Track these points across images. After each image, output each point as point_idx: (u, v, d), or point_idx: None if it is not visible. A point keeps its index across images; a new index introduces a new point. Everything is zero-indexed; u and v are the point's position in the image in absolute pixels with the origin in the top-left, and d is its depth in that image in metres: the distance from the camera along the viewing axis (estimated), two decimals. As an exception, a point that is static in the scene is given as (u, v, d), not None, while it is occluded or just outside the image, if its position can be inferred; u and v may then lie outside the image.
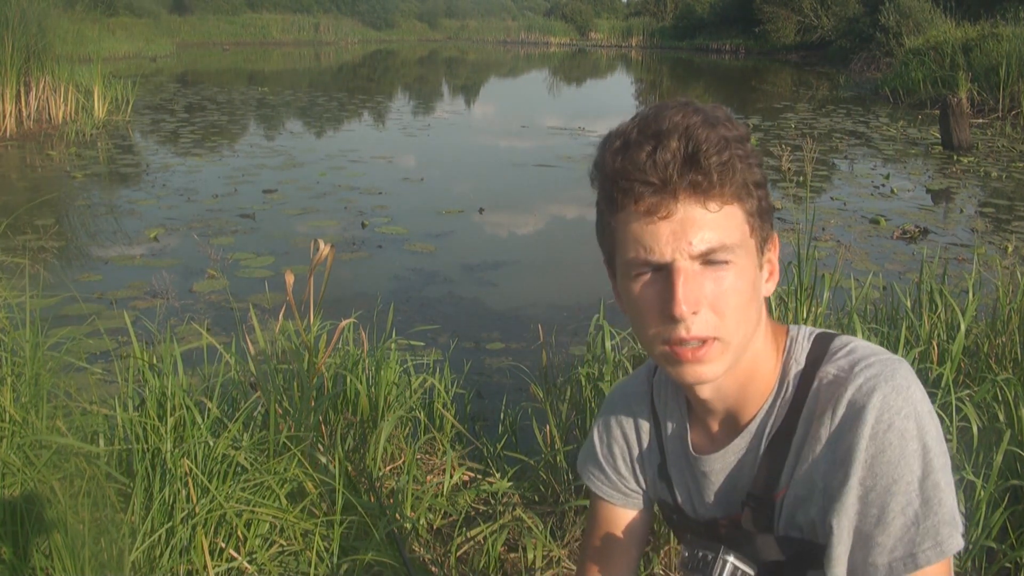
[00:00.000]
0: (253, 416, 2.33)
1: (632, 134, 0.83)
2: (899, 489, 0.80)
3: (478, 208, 7.11)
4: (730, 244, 0.82)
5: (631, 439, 1.06)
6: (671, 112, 0.82)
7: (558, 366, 3.15)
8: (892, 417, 0.81)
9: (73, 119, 11.09)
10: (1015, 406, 2.17)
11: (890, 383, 0.83)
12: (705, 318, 0.82)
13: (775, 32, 31.90)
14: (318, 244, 2.29)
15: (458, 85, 23.62)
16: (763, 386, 0.91)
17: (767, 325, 0.92)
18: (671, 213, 0.81)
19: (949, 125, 9.75)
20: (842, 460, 0.83)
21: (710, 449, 0.96)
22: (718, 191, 0.81)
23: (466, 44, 49.72)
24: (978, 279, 2.98)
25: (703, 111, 0.83)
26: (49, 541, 1.72)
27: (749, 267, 0.85)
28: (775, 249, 0.91)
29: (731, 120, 0.84)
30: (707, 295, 0.82)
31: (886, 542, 0.80)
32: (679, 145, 0.80)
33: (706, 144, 0.80)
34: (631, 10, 55.37)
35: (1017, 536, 1.98)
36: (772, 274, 0.91)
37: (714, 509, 0.98)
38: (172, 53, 29.52)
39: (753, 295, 0.86)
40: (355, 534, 2.09)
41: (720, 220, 0.81)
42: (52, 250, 5.53)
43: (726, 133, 0.82)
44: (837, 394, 0.85)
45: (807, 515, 0.87)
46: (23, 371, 2.12)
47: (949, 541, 0.79)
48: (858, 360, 0.87)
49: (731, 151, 0.81)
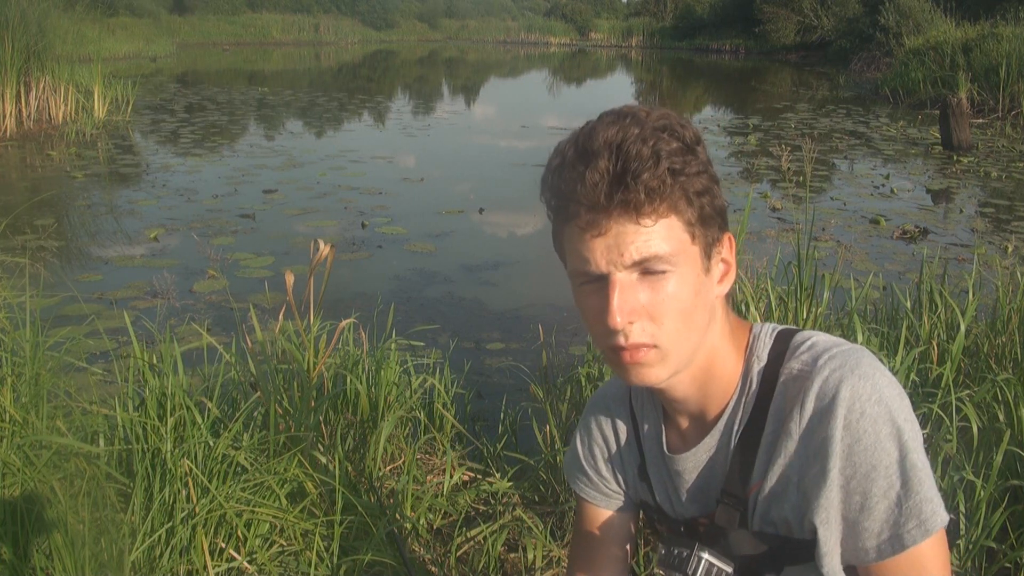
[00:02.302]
0: (253, 416, 2.33)
1: (568, 152, 0.84)
2: (879, 474, 0.81)
3: (478, 208, 7.11)
4: (665, 255, 0.83)
5: (611, 441, 1.08)
6: (607, 126, 0.82)
7: (558, 366, 3.15)
8: (863, 405, 0.82)
9: (73, 119, 11.09)
10: (1015, 406, 2.17)
11: (856, 372, 0.84)
12: (642, 326, 0.84)
13: (775, 32, 31.91)
14: (318, 244, 2.29)
15: (458, 85, 23.63)
16: (726, 384, 0.93)
17: (726, 323, 0.93)
18: (605, 230, 0.82)
19: (949, 125, 9.75)
20: (817, 453, 0.84)
21: (682, 448, 0.98)
22: (650, 207, 0.81)
23: (466, 44, 49.72)
24: (978, 279, 2.98)
25: (642, 122, 0.82)
26: (49, 541, 1.72)
27: (690, 274, 0.85)
28: (729, 248, 0.91)
29: (675, 128, 0.83)
30: (644, 304, 0.84)
31: (872, 526, 0.82)
32: (608, 164, 0.80)
33: (636, 161, 0.80)
34: (631, 10, 55.41)
35: (1017, 536, 1.98)
36: (727, 274, 0.91)
37: (691, 508, 0.99)
38: (172, 53, 29.52)
39: (696, 300, 0.86)
40: (355, 534, 2.09)
41: (655, 233, 0.82)
42: (52, 250, 5.53)
43: (663, 146, 0.81)
44: (803, 388, 0.86)
45: (781, 511, 0.88)
46: (23, 371, 2.12)
47: (933, 518, 0.81)
48: (820, 353, 0.88)
49: (664, 166, 0.80)
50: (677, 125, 0.84)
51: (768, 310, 2.80)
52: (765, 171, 8.56)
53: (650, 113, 0.84)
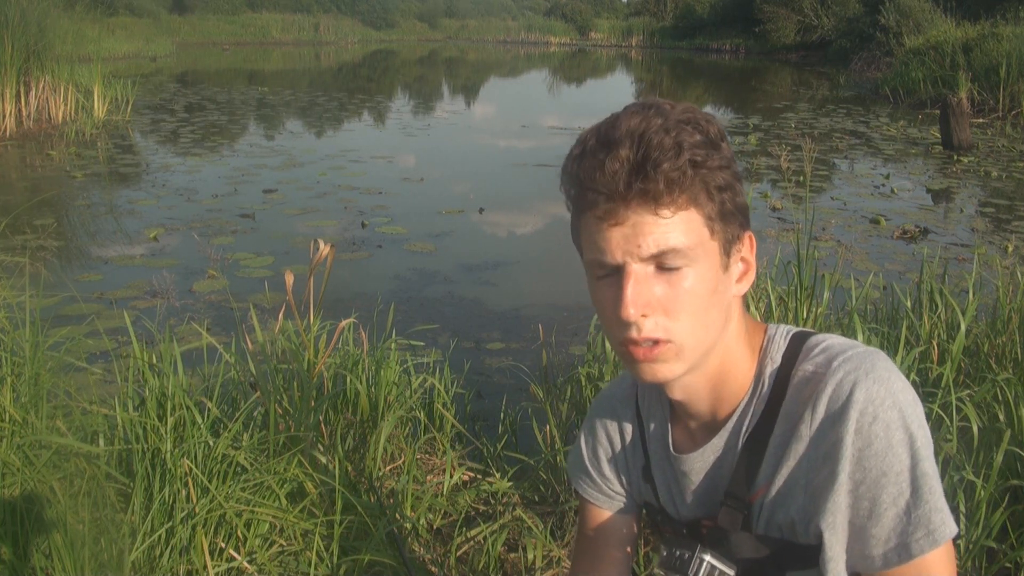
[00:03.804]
0: (253, 416, 2.33)
1: (590, 141, 0.83)
2: (889, 480, 0.80)
3: (478, 208, 7.11)
4: (682, 249, 0.82)
5: (615, 442, 1.07)
6: (630, 116, 0.82)
7: (558, 366, 3.15)
8: (876, 409, 0.81)
9: (73, 119, 11.09)
10: (1015, 406, 2.17)
11: (870, 375, 0.83)
12: (656, 320, 0.83)
13: (775, 32, 31.90)
14: (318, 244, 2.29)
15: (458, 85, 23.62)
16: (738, 385, 0.92)
17: (741, 324, 0.92)
18: (623, 220, 0.81)
19: (949, 125, 9.75)
20: (827, 456, 0.83)
21: (690, 448, 0.97)
22: (669, 198, 0.80)
23: (466, 44, 49.71)
24: (978, 279, 2.98)
25: (666, 114, 0.82)
26: (49, 541, 1.72)
27: (708, 270, 0.84)
28: (750, 248, 0.90)
29: (699, 122, 0.82)
30: (659, 298, 0.83)
31: (880, 534, 0.81)
32: (629, 153, 0.79)
33: (657, 151, 0.79)
34: (631, 10, 55.38)
35: (1017, 536, 1.98)
36: (746, 273, 0.90)
37: (695, 509, 0.98)
38: (172, 53, 29.51)
39: (713, 298, 0.85)
40: (355, 534, 2.08)
41: (673, 225, 0.81)
42: (52, 250, 5.53)
43: (686, 138, 0.80)
44: (816, 391, 0.85)
45: (787, 514, 0.87)
46: (23, 371, 2.12)
47: (941, 529, 0.80)
48: (835, 356, 0.86)
49: (685, 157, 0.80)
50: (702, 119, 0.83)
51: (768, 310, 2.80)
52: (765, 171, 8.55)
53: (675, 106, 0.83)
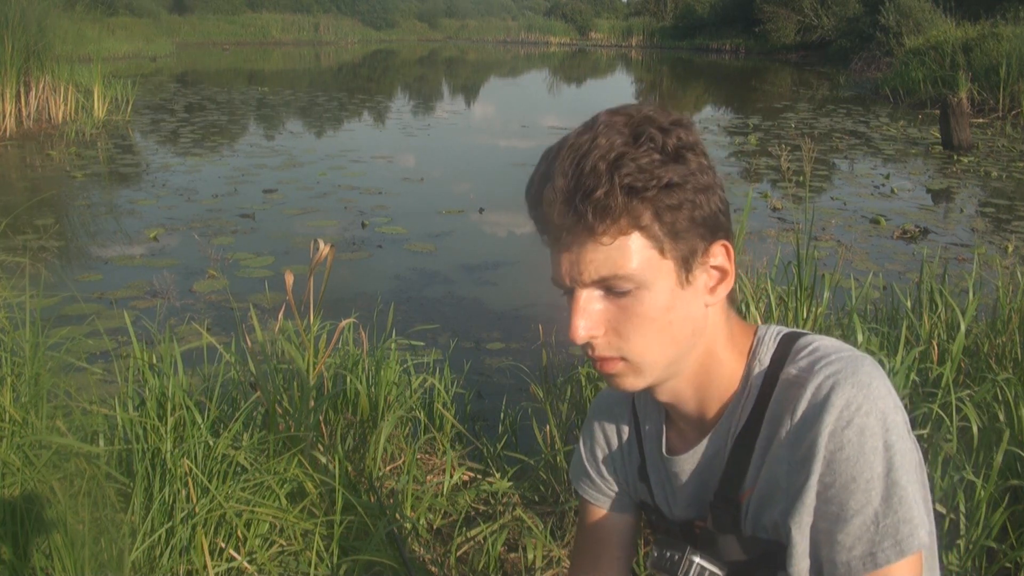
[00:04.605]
0: (253, 416, 2.33)
1: (540, 166, 0.85)
2: (858, 487, 0.79)
3: (478, 208, 7.11)
4: (626, 274, 0.81)
5: (613, 442, 1.08)
6: (579, 135, 0.82)
7: (558, 366, 3.15)
8: (852, 414, 0.80)
9: (73, 119, 11.09)
10: (1015, 406, 2.17)
11: (851, 380, 0.82)
12: (609, 340, 0.85)
13: (775, 32, 31.91)
14: (318, 244, 2.29)
15: (458, 85, 23.62)
16: (725, 387, 0.92)
17: (725, 327, 0.92)
18: (566, 247, 0.83)
19: (949, 125, 9.76)
20: (803, 459, 0.82)
21: (682, 449, 0.97)
22: (603, 227, 0.80)
23: (466, 44, 49.70)
24: (978, 279, 2.98)
25: (618, 130, 0.80)
26: (49, 541, 1.72)
27: (661, 289, 0.83)
28: (725, 256, 0.88)
29: (655, 136, 0.80)
30: (608, 320, 0.84)
31: (845, 540, 0.80)
32: (563, 183, 0.80)
33: (590, 179, 0.78)
34: (631, 10, 55.37)
35: (1017, 536, 1.98)
36: (721, 281, 0.88)
37: (687, 510, 0.99)
38: (172, 53, 29.51)
39: (670, 315, 0.85)
40: (355, 534, 2.09)
41: (615, 250, 0.81)
42: (52, 250, 5.53)
43: (627, 161, 0.78)
44: (798, 393, 0.84)
45: (771, 516, 0.87)
46: (23, 371, 2.12)
47: (909, 540, 0.78)
48: (819, 358, 0.86)
49: (621, 183, 0.78)
50: (661, 132, 0.80)
51: (768, 310, 2.80)
52: (765, 171, 8.56)
53: (637, 115, 0.81)
